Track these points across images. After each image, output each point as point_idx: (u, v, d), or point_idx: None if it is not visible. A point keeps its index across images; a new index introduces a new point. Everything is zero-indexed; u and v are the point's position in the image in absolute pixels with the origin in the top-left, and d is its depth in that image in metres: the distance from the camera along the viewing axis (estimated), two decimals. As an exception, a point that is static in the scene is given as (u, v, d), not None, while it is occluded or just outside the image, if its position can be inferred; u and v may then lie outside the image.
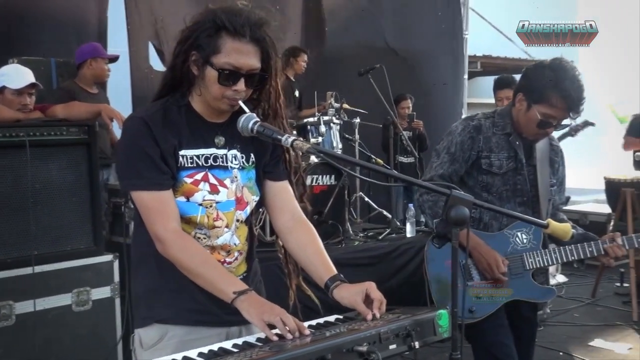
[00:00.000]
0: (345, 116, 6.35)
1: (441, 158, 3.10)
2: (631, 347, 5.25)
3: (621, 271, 7.05)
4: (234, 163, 2.17)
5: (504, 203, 3.08)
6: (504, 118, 3.13)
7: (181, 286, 2.10)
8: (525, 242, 3.08)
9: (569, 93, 2.89)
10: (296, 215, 2.29)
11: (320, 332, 1.91)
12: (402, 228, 6.01)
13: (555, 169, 3.24)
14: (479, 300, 3.01)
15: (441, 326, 2.01)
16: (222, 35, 1.99)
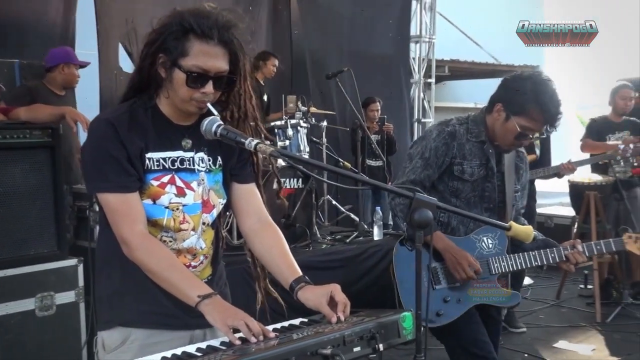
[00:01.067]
0: (313, 119, 6.36)
1: (414, 163, 3.11)
2: (594, 348, 5.32)
3: (585, 273, 7.15)
4: (200, 166, 2.16)
5: (471, 208, 3.11)
6: (478, 126, 3.15)
7: (144, 289, 2.09)
8: (491, 247, 3.12)
9: (548, 108, 2.94)
10: (262, 217, 2.29)
11: (284, 335, 1.90)
12: (369, 231, 6.02)
13: (520, 175, 3.29)
14: (446, 304, 3.03)
15: (405, 328, 2.02)
16: (190, 38, 1.98)
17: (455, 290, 3.06)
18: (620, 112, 6.63)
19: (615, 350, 5.29)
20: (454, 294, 3.05)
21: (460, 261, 3.01)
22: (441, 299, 3.03)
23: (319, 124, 6.42)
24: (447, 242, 3.05)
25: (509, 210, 3.17)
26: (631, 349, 5.30)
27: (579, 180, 6.49)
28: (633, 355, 5.14)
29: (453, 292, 3.05)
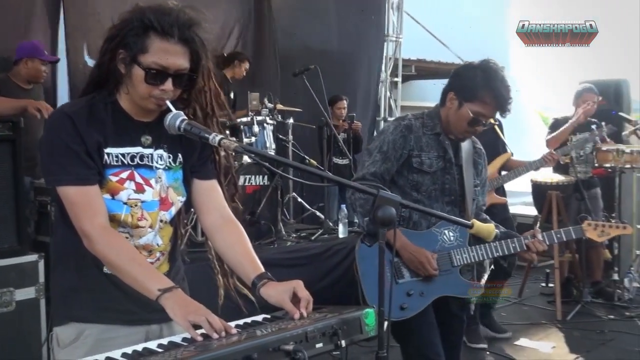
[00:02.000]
0: (279, 116, 6.35)
1: (373, 157, 3.14)
2: (554, 345, 5.40)
3: (547, 272, 7.26)
4: (159, 163, 2.15)
5: (432, 202, 3.14)
6: (432, 119, 3.20)
7: (99, 285, 2.09)
8: (453, 239, 3.14)
9: (500, 92, 3.02)
10: (224, 214, 2.28)
11: (247, 332, 1.90)
12: (334, 229, 6.04)
13: (479, 170, 3.33)
14: (410, 297, 3.05)
15: (368, 324, 2.03)
16: (150, 35, 1.97)
17: (418, 283, 3.08)
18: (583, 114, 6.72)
19: (574, 347, 5.37)
20: (417, 287, 3.07)
21: (419, 259, 3.02)
22: (404, 293, 3.05)
23: (285, 121, 6.42)
24: (403, 240, 3.06)
25: (468, 204, 3.20)
26: (590, 346, 5.39)
27: (541, 180, 6.57)
28: (592, 352, 5.23)
29: (416, 285, 3.07)
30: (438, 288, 3.10)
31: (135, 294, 2.01)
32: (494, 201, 5.22)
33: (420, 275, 3.07)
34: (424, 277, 3.07)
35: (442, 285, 3.10)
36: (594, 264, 6.83)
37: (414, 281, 3.08)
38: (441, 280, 3.09)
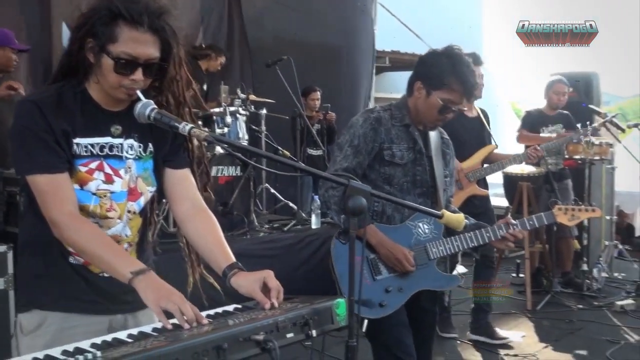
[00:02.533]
0: (252, 107, 6.33)
1: (344, 151, 3.11)
2: (524, 334, 5.47)
3: (517, 262, 7.35)
4: (129, 153, 2.13)
5: (404, 195, 3.12)
6: (400, 110, 3.20)
7: (64, 274, 2.08)
8: (428, 232, 3.15)
9: (467, 78, 3.04)
10: (196, 203, 2.26)
11: (217, 322, 1.90)
12: (307, 220, 6.05)
13: (447, 160, 3.34)
14: (388, 294, 3.04)
15: (339, 315, 2.04)
16: (118, 24, 1.94)
17: (396, 279, 3.07)
18: (554, 106, 6.81)
19: (544, 336, 5.44)
20: (395, 283, 3.06)
21: (397, 256, 3.02)
22: (383, 290, 3.04)
23: (258, 112, 6.40)
24: (380, 236, 3.05)
25: (440, 195, 3.21)
26: (559, 335, 5.47)
27: (512, 171, 6.62)
28: (560, 341, 5.30)
29: (394, 281, 3.06)
30: (416, 282, 3.09)
31: (100, 285, 2.02)
32: (475, 192, 5.21)
33: (397, 271, 3.07)
34: (402, 273, 3.06)
35: (420, 279, 3.10)
36: (564, 254, 6.93)
37: (391, 277, 3.07)
38: (419, 275, 3.09)
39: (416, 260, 3.09)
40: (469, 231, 3.15)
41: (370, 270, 3.04)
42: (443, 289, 3.24)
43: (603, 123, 6.89)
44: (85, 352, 1.56)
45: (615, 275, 7.67)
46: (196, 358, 1.62)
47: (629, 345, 5.21)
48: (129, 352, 1.61)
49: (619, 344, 5.17)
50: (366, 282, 3.00)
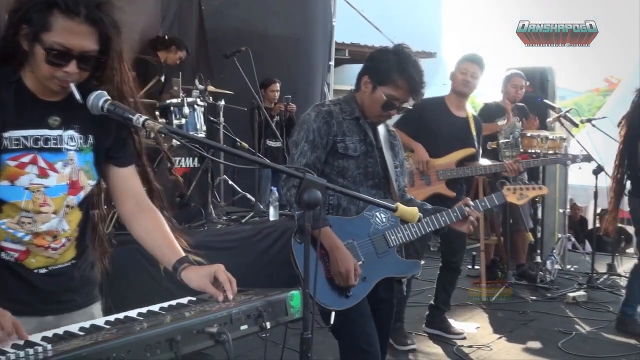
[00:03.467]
0: (210, 98, 6.29)
1: (300, 148, 3.11)
2: (479, 326, 5.55)
3: (473, 254, 7.45)
4: (70, 145, 2.04)
5: (357, 186, 3.14)
6: (350, 104, 3.23)
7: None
8: (385, 220, 3.16)
9: (412, 75, 3.07)
10: (141, 201, 2.21)
11: (171, 314, 1.90)
12: (265, 212, 6.04)
13: (396, 152, 3.37)
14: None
15: (293, 307, 2.05)
16: (54, 12, 1.85)
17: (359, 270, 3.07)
18: (511, 99, 6.91)
19: (498, 327, 5.53)
20: None
21: (344, 268, 2.96)
22: None
23: (216, 103, 6.36)
24: (334, 242, 3.00)
25: (392, 185, 3.24)
26: (513, 326, 5.56)
27: (468, 164, 6.69)
28: (514, 332, 5.40)
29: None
30: (379, 270, 3.10)
31: (35, 282, 1.97)
32: (442, 192, 5.13)
33: (359, 261, 3.06)
34: (364, 262, 3.07)
35: (383, 267, 3.11)
36: (518, 246, 7.05)
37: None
38: (381, 263, 3.10)
39: (377, 249, 3.11)
40: (430, 214, 3.19)
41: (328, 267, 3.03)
42: (406, 274, 3.25)
43: (557, 118, 7.02)
44: (36, 346, 1.55)
45: (568, 267, 7.84)
46: (148, 350, 1.62)
47: (580, 335, 5.33)
48: (80, 344, 1.60)
49: (570, 334, 5.28)
50: (330, 276, 3.01)
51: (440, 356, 4.86)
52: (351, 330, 3.08)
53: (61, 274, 2.09)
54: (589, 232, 9.86)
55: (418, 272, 3.31)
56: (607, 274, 7.32)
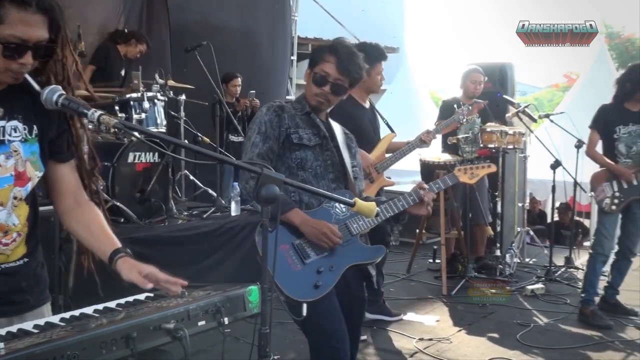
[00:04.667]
0: (171, 93, 6.24)
1: (253, 140, 3.17)
2: (438, 319, 5.60)
3: (434, 248, 7.52)
4: (13, 135, 1.99)
5: (319, 179, 3.19)
6: (300, 102, 3.33)
7: None
8: (345, 210, 3.18)
9: (339, 51, 3.19)
10: (78, 196, 2.19)
11: (127, 310, 1.89)
12: (227, 207, 6.02)
13: (353, 153, 3.44)
14: (320, 274, 3.06)
15: (251, 302, 2.05)
16: (4, 5, 1.83)
17: (325, 259, 3.08)
18: (470, 95, 6.96)
19: (458, 320, 5.59)
20: (325, 263, 3.07)
21: (322, 231, 3.06)
22: (315, 271, 3.05)
23: (177, 98, 6.32)
24: (302, 216, 3.08)
25: (350, 180, 3.28)
26: (472, 319, 5.62)
27: (429, 159, 6.77)
28: (473, 325, 5.46)
29: (324, 261, 3.07)
30: (345, 259, 3.12)
31: None
32: (384, 183, 5.29)
33: (324, 251, 3.09)
34: (330, 252, 3.09)
35: (348, 255, 3.13)
36: (478, 240, 7.13)
37: (320, 258, 3.08)
38: (346, 251, 3.12)
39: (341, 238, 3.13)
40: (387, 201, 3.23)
41: (299, 256, 3.05)
42: (371, 260, 3.27)
43: (516, 113, 7.11)
44: (-12, 344, 1.53)
45: (527, 260, 7.95)
46: (104, 347, 1.61)
47: (538, 327, 5.41)
48: (34, 342, 1.58)
49: (528, 327, 5.36)
50: (297, 268, 3.02)
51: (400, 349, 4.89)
52: (321, 326, 3.09)
53: (14, 273, 2.05)
54: (548, 226, 10.00)
55: (383, 256, 3.32)
56: (565, 267, 7.44)
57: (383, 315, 5.44)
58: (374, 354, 4.80)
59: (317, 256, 3.08)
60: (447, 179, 3.46)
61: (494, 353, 4.81)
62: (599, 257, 5.56)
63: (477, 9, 26.80)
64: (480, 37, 22.89)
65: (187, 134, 6.51)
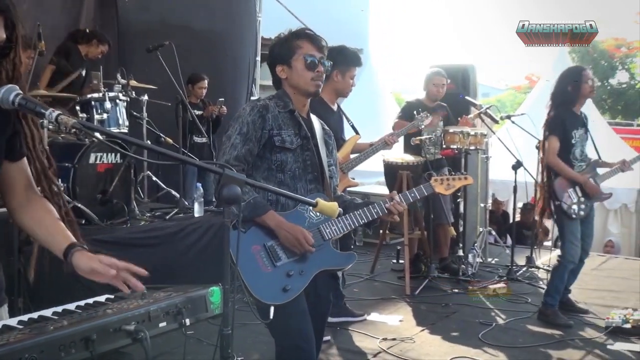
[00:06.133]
0: (133, 93, 6.18)
1: (233, 140, 3.12)
2: (402, 318, 5.63)
3: (398, 249, 7.56)
4: None
5: (296, 181, 3.18)
6: (282, 98, 3.26)
7: None
8: (319, 214, 3.17)
9: (305, 33, 3.23)
10: (30, 194, 2.16)
11: (87, 312, 1.87)
12: (190, 208, 5.99)
13: (330, 150, 3.43)
14: (290, 278, 3.05)
15: (213, 303, 2.05)
16: None
17: (296, 263, 3.08)
18: (433, 97, 7.02)
19: (421, 320, 5.63)
20: (296, 267, 3.07)
21: (297, 236, 3.05)
22: (284, 274, 3.04)
23: (139, 98, 6.26)
24: (278, 219, 3.07)
25: (326, 180, 3.28)
26: (435, 318, 5.67)
27: (392, 160, 6.80)
28: (436, 325, 5.50)
29: (295, 265, 3.07)
30: (316, 264, 3.12)
31: None
32: (349, 184, 5.33)
33: (296, 255, 3.09)
34: (301, 256, 3.09)
35: (319, 260, 3.13)
36: (441, 241, 7.19)
37: (291, 262, 3.08)
38: (317, 256, 3.12)
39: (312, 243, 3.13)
40: (361, 207, 3.24)
41: (270, 258, 3.04)
42: (342, 267, 3.28)
43: (478, 114, 7.19)
44: (-58, 348, 1.50)
45: (489, 260, 8.04)
46: (63, 350, 1.59)
47: (499, 326, 5.48)
48: (-10, 345, 1.55)
49: (490, 326, 5.42)
50: (267, 270, 3.01)
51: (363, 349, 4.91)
52: (287, 326, 3.09)
53: None
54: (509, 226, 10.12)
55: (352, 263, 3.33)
56: (526, 267, 7.54)
57: (346, 317, 5.45)
58: (337, 354, 4.81)
59: (288, 259, 3.08)
60: (422, 189, 3.46)
61: (456, 352, 4.85)
62: (570, 265, 5.56)
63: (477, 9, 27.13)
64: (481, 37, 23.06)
65: (149, 135, 6.45)
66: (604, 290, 6.76)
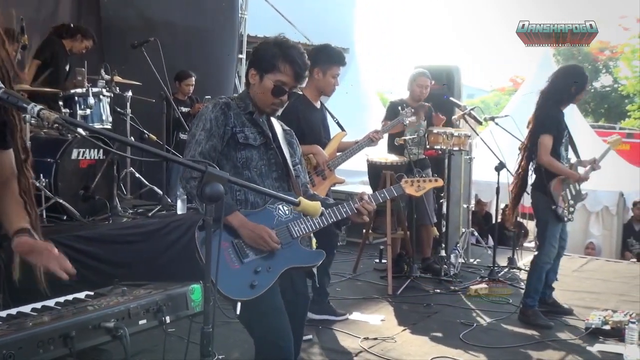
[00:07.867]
0: (117, 89, 6.15)
1: (197, 137, 3.15)
2: (383, 318, 5.64)
3: (380, 248, 7.58)
4: None
5: (264, 179, 3.20)
6: (244, 100, 3.30)
7: None
8: (288, 212, 3.20)
9: (294, 59, 3.18)
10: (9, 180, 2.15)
11: (66, 309, 1.86)
12: (173, 205, 5.97)
13: (294, 149, 3.46)
14: (258, 274, 3.06)
15: (194, 300, 2.05)
16: None
17: (264, 260, 3.08)
18: (416, 98, 7.03)
19: (403, 320, 5.64)
20: (263, 264, 3.08)
21: (260, 235, 3.06)
22: (252, 271, 3.05)
23: (123, 94, 6.23)
24: (241, 219, 3.08)
25: (293, 179, 3.29)
26: (417, 318, 5.69)
27: (376, 160, 6.81)
28: (418, 324, 5.52)
29: (262, 262, 3.08)
30: (284, 261, 3.13)
31: None
32: (335, 181, 5.34)
33: (264, 252, 3.10)
34: (268, 253, 3.10)
35: (287, 257, 3.14)
36: (424, 241, 7.21)
37: (259, 258, 3.09)
38: (285, 253, 3.13)
39: (280, 240, 3.13)
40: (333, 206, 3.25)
41: (237, 254, 3.05)
42: (310, 264, 3.29)
43: (462, 115, 7.22)
44: None
45: (471, 260, 8.08)
46: (41, 347, 1.59)
47: (480, 327, 5.50)
48: (-32, 342, 1.54)
49: (471, 326, 5.44)
50: (235, 267, 3.02)
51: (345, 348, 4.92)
52: (265, 324, 3.09)
53: None
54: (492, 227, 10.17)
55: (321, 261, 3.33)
56: (508, 267, 7.59)
57: (328, 316, 5.46)
58: (318, 354, 4.81)
59: (256, 256, 3.09)
60: (392, 190, 3.49)
61: (437, 352, 4.86)
62: (546, 265, 5.60)
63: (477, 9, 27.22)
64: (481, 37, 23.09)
65: (133, 131, 6.42)
66: (584, 292, 6.81)
